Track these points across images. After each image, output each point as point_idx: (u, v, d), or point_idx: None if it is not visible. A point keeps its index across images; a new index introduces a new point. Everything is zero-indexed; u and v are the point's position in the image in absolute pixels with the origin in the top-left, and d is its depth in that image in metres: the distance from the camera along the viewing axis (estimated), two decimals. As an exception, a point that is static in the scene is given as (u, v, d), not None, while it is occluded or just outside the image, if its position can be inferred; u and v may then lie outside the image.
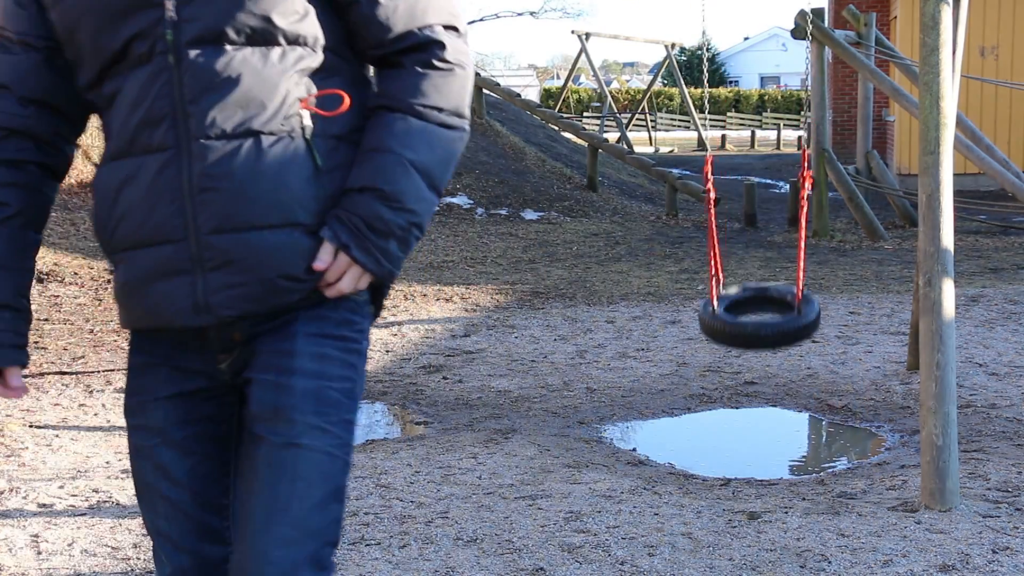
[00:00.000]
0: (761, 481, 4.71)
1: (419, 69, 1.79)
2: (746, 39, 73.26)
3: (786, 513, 4.08)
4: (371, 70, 1.89)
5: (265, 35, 1.73)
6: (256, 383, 1.79)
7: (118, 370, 6.50)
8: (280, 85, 1.73)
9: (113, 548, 3.80)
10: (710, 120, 37.03)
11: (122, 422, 5.67)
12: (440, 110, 1.79)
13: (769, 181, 18.30)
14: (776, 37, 66.95)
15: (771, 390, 6.15)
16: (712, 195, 4.42)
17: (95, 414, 5.60)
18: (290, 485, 1.74)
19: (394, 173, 1.75)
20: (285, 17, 1.73)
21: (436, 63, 1.80)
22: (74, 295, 8.92)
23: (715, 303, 4.41)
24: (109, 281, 9.42)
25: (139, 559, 3.70)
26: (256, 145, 1.72)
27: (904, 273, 9.83)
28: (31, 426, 5.32)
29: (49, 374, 6.42)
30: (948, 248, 4.14)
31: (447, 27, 1.82)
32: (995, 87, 14.70)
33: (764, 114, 41.59)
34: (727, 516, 4.06)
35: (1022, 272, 9.83)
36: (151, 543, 1.99)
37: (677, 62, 32.57)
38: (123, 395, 1.95)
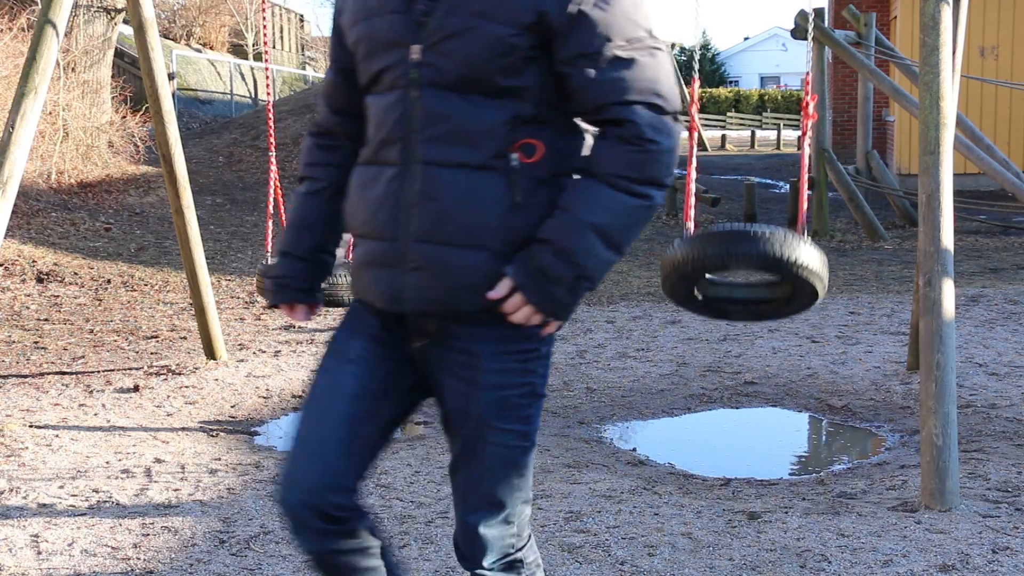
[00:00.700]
0: (761, 481, 4.71)
1: (617, 142, 2.03)
2: (746, 39, 73.22)
3: (786, 513, 4.08)
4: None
5: (488, 87, 2.02)
6: (448, 388, 2.15)
7: (118, 370, 6.51)
8: (493, 129, 2.03)
9: (113, 548, 3.80)
10: (711, 120, 37.01)
11: (121, 422, 5.64)
12: (630, 180, 2.03)
13: (769, 181, 18.29)
14: (776, 37, 66.95)
15: (771, 390, 6.15)
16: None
17: (95, 414, 5.60)
18: (479, 471, 2.16)
19: (571, 232, 2.02)
20: (507, 76, 2.02)
21: (632, 139, 2.02)
22: (74, 295, 8.92)
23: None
24: (109, 281, 9.42)
25: (139, 559, 3.70)
26: (465, 176, 2.03)
27: (904, 273, 9.83)
28: (31, 426, 5.32)
29: (49, 374, 6.42)
30: (948, 248, 4.13)
31: (647, 104, 2.03)
32: (995, 87, 14.70)
33: (764, 114, 41.57)
34: (727, 516, 4.05)
35: (1022, 272, 9.83)
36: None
37: (677, 62, 32.58)
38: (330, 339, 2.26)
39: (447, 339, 2.12)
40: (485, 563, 2.18)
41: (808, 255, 4.27)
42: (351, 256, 2.28)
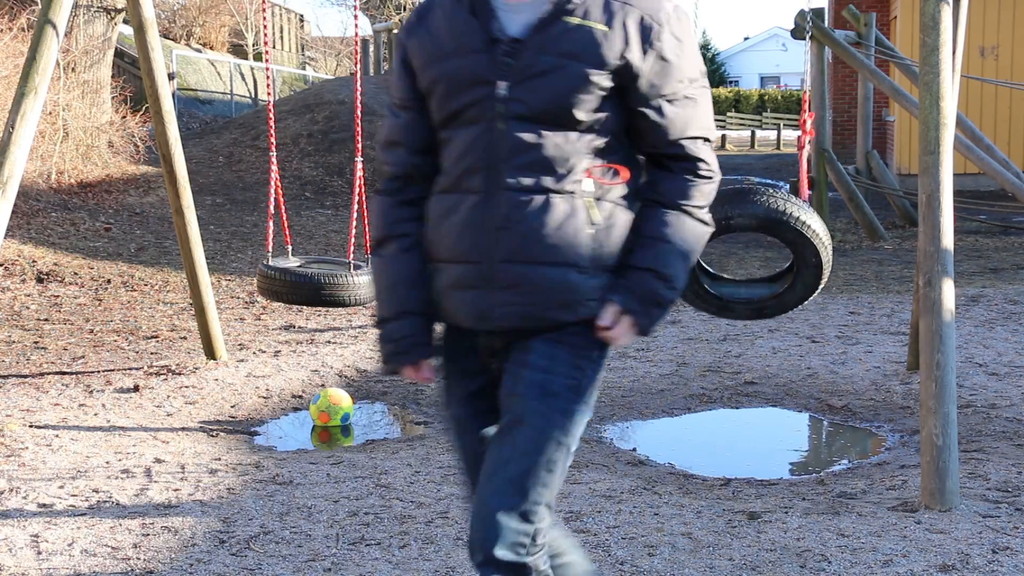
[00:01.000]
0: (761, 481, 4.71)
1: (685, 176, 2.29)
2: (746, 39, 73.17)
3: (786, 513, 4.08)
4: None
5: (569, 120, 2.22)
6: (505, 373, 2.30)
7: (118, 370, 6.51)
8: (571, 159, 2.22)
9: (113, 548, 3.80)
10: (718, 119, 36.91)
11: (121, 422, 5.65)
12: (700, 208, 2.30)
13: (769, 181, 18.28)
14: (776, 37, 66.91)
15: (771, 390, 6.15)
16: None
17: (95, 414, 5.60)
18: (510, 451, 2.22)
19: (670, 260, 2.27)
20: (585, 112, 2.22)
21: (699, 172, 2.30)
22: (74, 295, 8.92)
23: None
24: (109, 281, 9.42)
25: (139, 559, 3.70)
26: (546, 201, 2.21)
27: (904, 273, 9.83)
28: (31, 426, 5.32)
29: (49, 374, 6.42)
30: (948, 248, 4.13)
31: (704, 140, 2.31)
32: (995, 87, 14.70)
33: (764, 114, 41.55)
34: (727, 516, 4.05)
35: (1022, 272, 9.83)
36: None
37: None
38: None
39: (514, 344, 2.31)
40: (495, 552, 2.18)
41: (810, 214, 4.29)
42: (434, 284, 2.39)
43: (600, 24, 2.20)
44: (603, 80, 2.21)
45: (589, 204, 2.24)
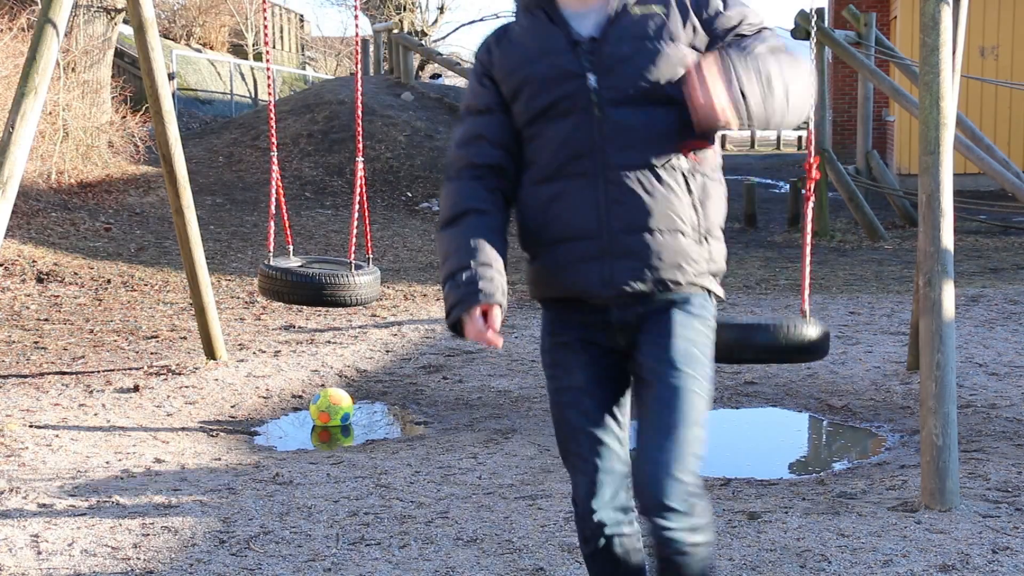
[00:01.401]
0: (761, 481, 4.71)
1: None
2: (746, 39, 73.08)
3: (786, 513, 4.08)
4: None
5: (657, 98, 2.43)
6: (646, 344, 2.50)
7: (118, 370, 6.51)
8: (666, 133, 2.44)
9: (113, 548, 3.80)
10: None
11: (121, 422, 5.63)
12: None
13: (769, 181, 18.28)
14: (776, 37, 66.83)
15: (771, 390, 6.15)
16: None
17: (95, 414, 5.60)
18: (670, 414, 2.44)
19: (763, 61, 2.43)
20: (670, 86, 2.42)
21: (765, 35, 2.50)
22: (74, 295, 8.92)
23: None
24: (109, 281, 9.42)
25: (139, 559, 3.70)
26: (650, 174, 2.44)
27: (904, 273, 9.83)
28: (31, 426, 5.32)
29: (49, 374, 6.42)
30: (948, 248, 4.13)
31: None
32: (995, 87, 14.70)
33: (764, 114, 41.45)
34: (727, 516, 4.05)
35: (1022, 272, 9.83)
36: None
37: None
38: (545, 356, 2.63)
39: (644, 320, 2.51)
40: (673, 503, 2.41)
41: (811, 338, 4.26)
42: (532, 264, 2.58)
43: (659, 7, 2.49)
44: (677, 51, 2.45)
45: (688, 176, 2.47)
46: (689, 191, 2.48)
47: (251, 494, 4.38)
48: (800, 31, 12.04)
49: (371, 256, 6.13)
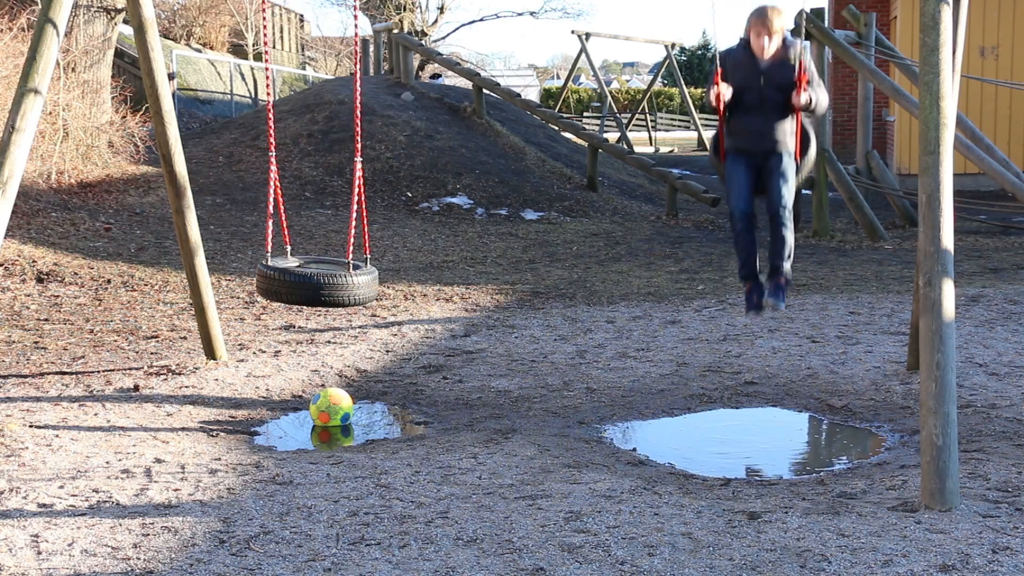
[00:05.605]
0: (761, 481, 4.71)
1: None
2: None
3: (786, 513, 4.08)
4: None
5: (783, 103, 5.48)
6: (769, 162, 5.55)
7: (118, 370, 6.51)
8: (785, 123, 5.49)
9: (113, 548, 3.80)
10: (711, 120, 37.00)
11: (121, 422, 5.63)
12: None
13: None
14: (776, 37, 66.77)
15: (771, 390, 6.15)
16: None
17: (95, 414, 5.60)
18: (779, 185, 5.49)
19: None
20: (787, 100, 5.45)
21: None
22: (74, 295, 8.92)
23: None
24: (109, 281, 9.42)
25: (139, 559, 3.70)
26: (781, 124, 5.49)
27: (904, 273, 9.83)
28: (31, 426, 5.32)
29: (49, 374, 6.42)
30: (948, 248, 4.13)
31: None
32: (995, 87, 14.70)
33: (764, 114, 41.57)
34: (727, 516, 4.05)
35: (1022, 272, 9.83)
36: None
37: (677, 62, 32.58)
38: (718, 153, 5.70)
39: (770, 157, 5.52)
40: (782, 212, 5.46)
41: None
42: (727, 138, 5.60)
43: (792, 58, 5.35)
44: (790, 83, 5.38)
45: (792, 130, 5.51)
46: (791, 133, 5.49)
47: (251, 494, 4.38)
48: (800, 31, 12.02)
49: (369, 256, 6.13)
